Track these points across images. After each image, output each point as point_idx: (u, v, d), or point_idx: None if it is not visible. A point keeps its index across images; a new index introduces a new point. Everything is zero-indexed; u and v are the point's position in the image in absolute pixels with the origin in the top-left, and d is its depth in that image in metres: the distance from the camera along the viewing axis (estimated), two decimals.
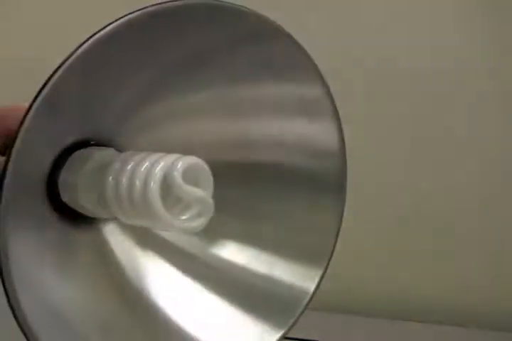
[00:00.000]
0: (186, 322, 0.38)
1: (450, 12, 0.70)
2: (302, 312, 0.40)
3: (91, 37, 0.29)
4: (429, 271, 0.73)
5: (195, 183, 0.34)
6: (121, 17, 0.30)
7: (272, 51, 0.38)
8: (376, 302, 0.74)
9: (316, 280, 0.40)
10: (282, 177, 0.42)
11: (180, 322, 0.38)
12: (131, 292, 0.38)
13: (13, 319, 0.29)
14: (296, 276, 0.41)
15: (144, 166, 0.33)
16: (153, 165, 0.33)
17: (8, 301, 0.28)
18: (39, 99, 0.28)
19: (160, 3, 0.31)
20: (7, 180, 0.28)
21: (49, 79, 0.28)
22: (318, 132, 0.41)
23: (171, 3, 0.32)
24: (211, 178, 0.34)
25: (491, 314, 0.72)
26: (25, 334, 0.29)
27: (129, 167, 0.34)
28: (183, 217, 0.34)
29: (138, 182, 0.33)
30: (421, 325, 0.71)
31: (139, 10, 0.30)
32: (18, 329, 0.29)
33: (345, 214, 0.41)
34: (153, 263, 0.39)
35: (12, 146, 0.28)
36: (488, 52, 0.70)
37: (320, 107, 0.40)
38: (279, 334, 0.39)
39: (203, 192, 0.34)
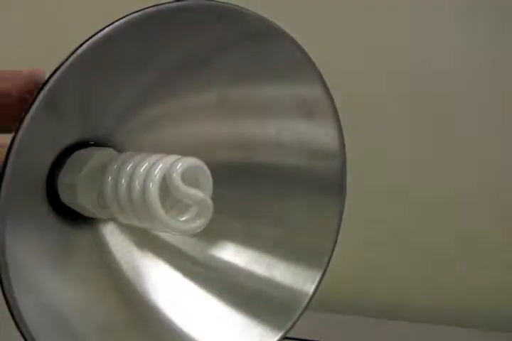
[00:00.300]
0: (185, 323, 0.38)
1: (451, 12, 0.70)
2: (302, 313, 0.40)
3: (90, 38, 0.29)
4: (430, 271, 0.73)
5: (195, 184, 0.34)
6: (120, 18, 0.30)
7: (272, 51, 0.38)
8: (376, 303, 0.74)
9: (316, 281, 0.40)
10: (282, 178, 0.42)
11: (179, 324, 0.38)
12: (130, 293, 0.38)
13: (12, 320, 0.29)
14: (296, 277, 0.40)
15: (144, 167, 0.33)
16: (152, 166, 0.33)
17: (7, 302, 0.28)
18: (38, 99, 0.28)
19: (159, 4, 0.31)
20: (6, 180, 0.28)
21: (48, 79, 0.28)
22: (318, 132, 0.41)
23: (170, 5, 0.32)
24: (210, 179, 0.34)
25: (490, 314, 0.72)
26: (22, 335, 0.29)
27: (129, 167, 0.34)
28: (182, 218, 0.34)
29: (137, 183, 0.33)
30: (421, 325, 0.71)
31: (138, 11, 0.30)
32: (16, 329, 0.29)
33: (345, 214, 0.41)
34: (152, 264, 0.39)
35: (11, 146, 0.28)
36: (490, 52, 0.70)
37: (320, 107, 0.40)
38: (278, 336, 0.39)
39: (202, 194, 0.34)
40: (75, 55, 0.29)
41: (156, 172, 0.33)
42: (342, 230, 0.41)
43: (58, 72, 0.28)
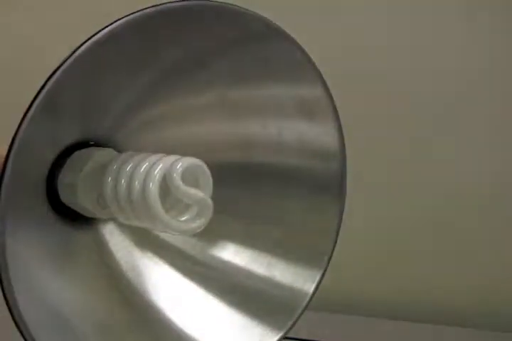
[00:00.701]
0: (185, 322, 0.38)
1: (452, 12, 0.70)
2: (302, 313, 0.40)
3: (90, 38, 0.29)
4: (429, 271, 0.73)
5: (195, 184, 0.34)
6: (120, 18, 0.30)
7: (272, 51, 0.38)
8: (376, 302, 0.74)
9: (316, 280, 0.40)
10: (282, 178, 0.42)
11: (179, 323, 0.38)
12: (130, 292, 0.38)
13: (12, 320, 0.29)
14: (296, 277, 0.41)
15: (144, 167, 0.33)
16: (152, 166, 0.33)
17: (7, 302, 0.28)
18: (38, 99, 0.28)
19: (158, 5, 0.31)
20: (6, 181, 0.28)
21: (48, 79, 0.28)
22: (318, 132, 0.41)
23: (169, 5, 0.32)
24: (210, 179, 0.34)
25: (490, 314, 0.72)
26: (22, 335, 0.29)
27: (129, 168, 0.34)
28: (182, 218, 0.34)
29: (137, 183, 0.33)
30: (421, 325, 0.71)
31: (138, 11, 0.30)
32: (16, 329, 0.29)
33: (345, 214, 0.41)
34: (152, 264, 0.39)
35: (11, 146, 0.28)
36: (490, 52, 0.70)
37: (320, 107, 0.40)
38: (278, 336, 0.39)
39: (202, 193, 0.34)
40: (74, 55, 0.29)
41: (156, 172, 0.33)
42: (342, 230, 0.41)
43: (58, 72, 0.28)
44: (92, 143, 0.37)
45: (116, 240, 0.39)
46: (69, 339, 0.33)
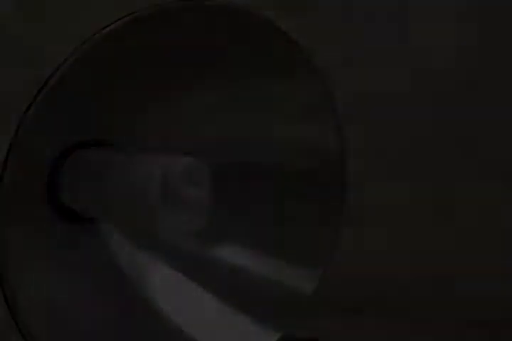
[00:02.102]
0: (185, 323, 0.38)
1: (451, 12, 0.70)
2: (302, 312, 0.40)
3: (89, 38, 0.29)
4: (430, 271, 0.73)
5: (195, 184, 0.34)
6: (120, 18, 0.30)
7: (272, 51, 0.38)
8: (376, 302, 0.74)
9: (316, 280, 0.40)
10: (282, 178, 0.42)
11: (178, 323, 0.38)
12: (130, 292, 0.38)
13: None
14: (296, 277, 0.41)
15: (144, 167, 0.33)
16: (152, 166, 0.33)
17: (6, 301, 0.28)
18: (38, 99, 0.28)
19: (159, 5, 0.31)
20: (6, 181, 0.28)
21: (48, 79, 0.28)
22: (318, 132, 0.41)
23: (170, 5, 0.32)
24: (210, 179, 0.35)
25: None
26: (22, 335, 0.29)
27: (129, 167, 0.34)
28: (182, 218, 0.34)
29: (137, 183, 0.33)
30: (421, 325, 0.71)
31: (137, 11, 0.31)
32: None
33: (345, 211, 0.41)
34: (151, 264, 0.39)
35: (11, 146, 0.28)
36: (489, 52, 0.70)
37: (320, 107, 0.40)
38: (278, 336, 0.39)
39: (201, 193, 0.34)
40: (75, 55, 0.29)
41: (156, 171, 0.33)
42: (342, 230, 0.41)
43: (58, 72, 0.29)
44: (92, 142, 0.37)
45: (116, 240, 0.39)
46: (69, 339, 0.33)
